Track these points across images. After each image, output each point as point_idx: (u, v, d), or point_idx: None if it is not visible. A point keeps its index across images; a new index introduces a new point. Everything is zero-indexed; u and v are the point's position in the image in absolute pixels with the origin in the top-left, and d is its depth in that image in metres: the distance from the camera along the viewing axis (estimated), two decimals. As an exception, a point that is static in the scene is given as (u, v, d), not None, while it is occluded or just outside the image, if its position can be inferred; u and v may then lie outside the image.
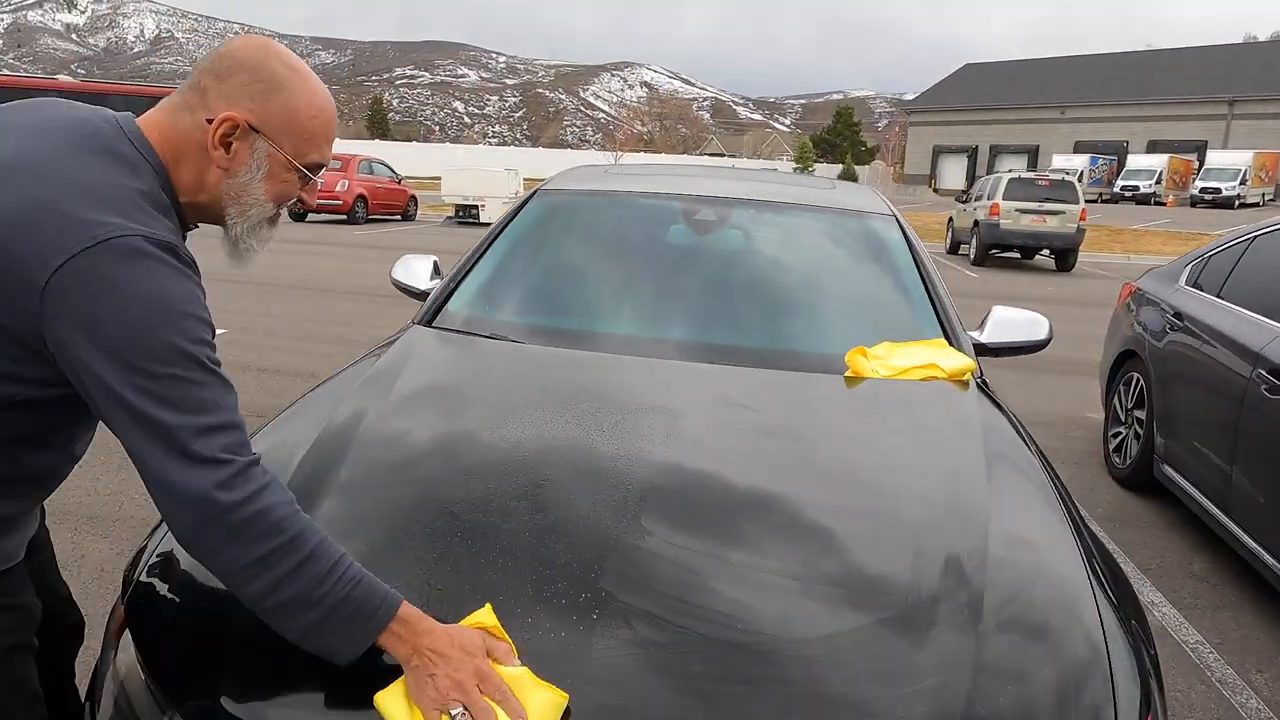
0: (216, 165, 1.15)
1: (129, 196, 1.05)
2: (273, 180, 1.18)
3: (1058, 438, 5.26)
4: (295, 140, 1.17)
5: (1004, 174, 16.09)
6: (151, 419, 0.98)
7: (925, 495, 1.56)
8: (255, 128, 1.13)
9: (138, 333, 0.99)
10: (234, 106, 1.12)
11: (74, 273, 0.97)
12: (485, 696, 1.03)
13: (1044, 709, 1.14)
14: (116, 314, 0.98)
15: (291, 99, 1.15)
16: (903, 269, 2.59)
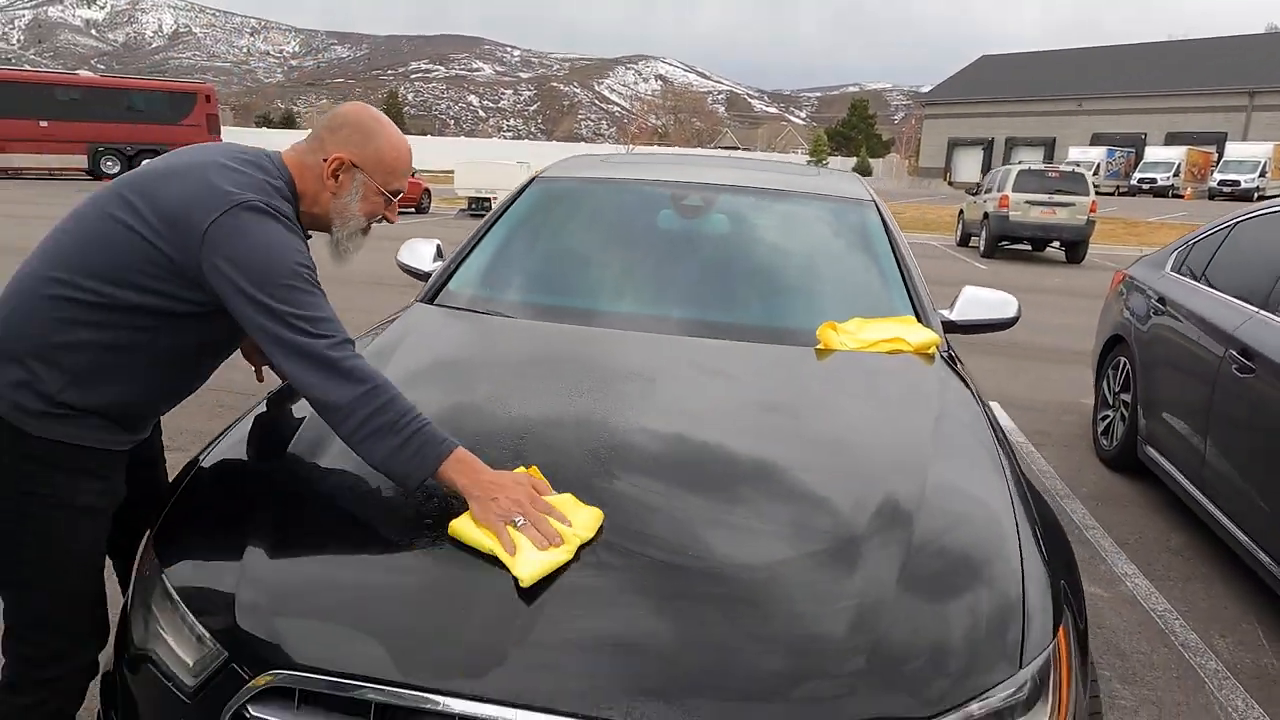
0: (328, 190, 1.63)
1: (262, 185, 1.53)
2: (366, 201, 1.66)
3: (1050, 422, 5.38)
4: (383, 173, 1.65)
5: (1014, 166, 16.09)
6: (280, 313, 1.42)
7: (873, 450, 1.72)
8: (356, 164, 1.62)
9: (265, 260, 1.44)
10: (342, 150, 1.61)
11: (225, 220, 1.43)
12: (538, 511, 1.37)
13: (956, 625, 1.29)
14: (248, 247, 1.44)
15: (381, 145, 1.63)
16: (879, 251, 2.73)
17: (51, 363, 1.44)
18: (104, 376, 1.48)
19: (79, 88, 28.17)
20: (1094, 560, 3.48)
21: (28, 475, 1.46)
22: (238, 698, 1.23)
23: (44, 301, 1.45)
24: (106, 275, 1.45)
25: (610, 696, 1.15)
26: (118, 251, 1.45)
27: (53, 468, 1.46)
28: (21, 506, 1.46)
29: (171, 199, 1.45)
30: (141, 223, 1.45)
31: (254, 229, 1.45)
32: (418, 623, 1.25)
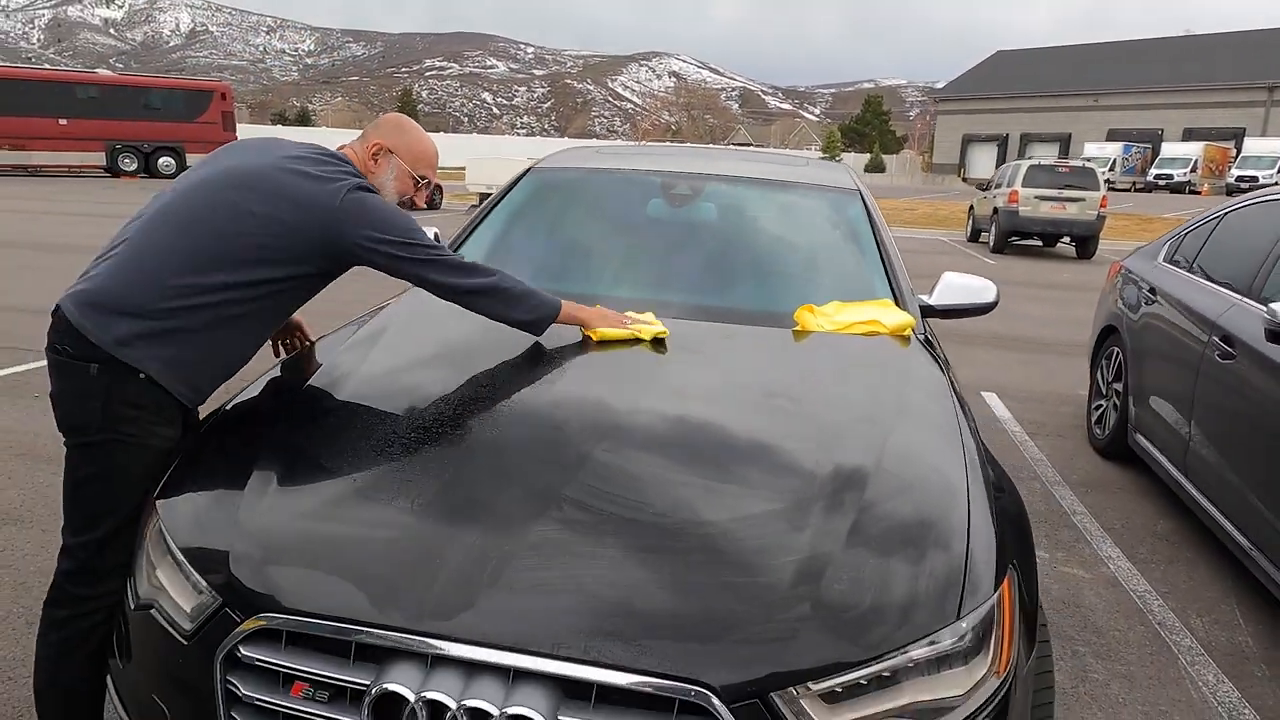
0: (369, 171, 1.97)
1: (350, 170, 1.91)
2: (399, 181, 2.02)
3: (1047, 413, 5.43)
4: (413, 158, 2.02)
5: (1024, 161, 16.05)
6: (425, 254, 1.89)
7: (836, 422, 1.81)
8: (391, 150, 1.99)
9: (394, 221, 1.86)
10: (382, 139, 2.00)
11: (350, 199, 1.81)
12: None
13: (899, 577, 1.38)
14: (378, 219, 1.83)
15: (413, 137, 2.04)
16: (861, 238, 2.81)
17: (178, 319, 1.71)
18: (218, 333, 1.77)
19: (97, 86, 28.53)
20: (1078, 544, 3.54)
21: (126, 418, 1.69)
22: (230, 639, 1.34)
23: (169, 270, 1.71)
24: (239, 256, 1.74)
25: (570, 637, 1.25)
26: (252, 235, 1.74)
27: (142, 409, 1.71)
28: (113, 442, 1.70)
29: (298, 185, 1.78)
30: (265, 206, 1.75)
31: (372, 202, 1.84)
32: (396, 571, 1.35)
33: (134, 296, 1.69)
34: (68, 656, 1.73)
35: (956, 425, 1.90)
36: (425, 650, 1.26)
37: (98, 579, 1.71)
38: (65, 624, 1.72)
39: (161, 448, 1.75)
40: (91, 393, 1.68)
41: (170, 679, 1.42)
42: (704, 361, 2.12)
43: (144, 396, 1.71)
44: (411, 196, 2.05)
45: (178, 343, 1.72)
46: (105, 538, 1.71)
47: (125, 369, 1.68)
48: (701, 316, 2.39)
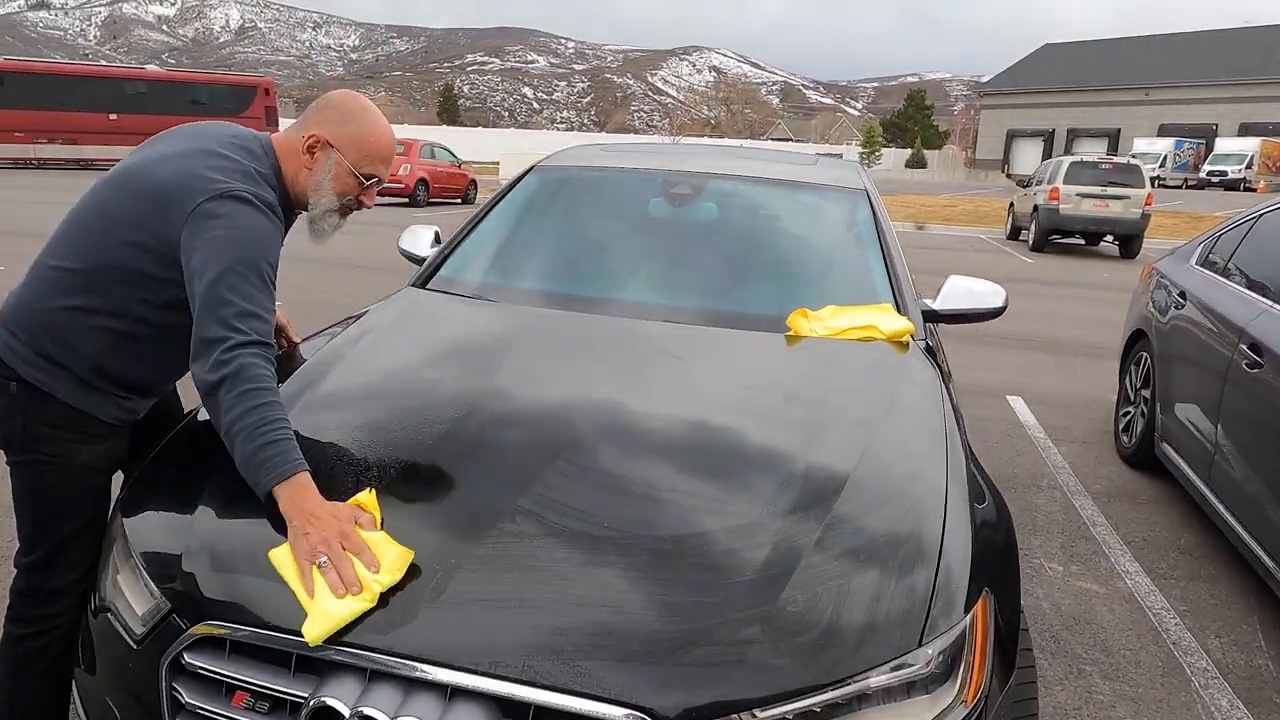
0: (304, 166, 1.70)
1: (247, 171, 1.62)
2: (338, 180, 1.72)
3: (1074, 418, 5.27)
4: (355, 154, 1.71)
5: (1065, 157, 15.65)
6: (219, 295, 1.48)
7: (812, 431, 1.75)
8: (330, 143, 1.69)
9: (230, 244, 1.51)
10: (319, 129, 1.70)
11: (209, 206, 1.52)
12: (347, 552, 1.32)
13: (859, 599, 1.32)
14: (222, 230, 1.52)
15: (357, 128, 1.71)
16: (864, 240, 2.73)
17: (71, 346, 1.59)
18: (123, 357, 1.63)
19: (145, 82, 29.29)
20: (1095, 557, 3.42)
21: (44, 437, 1.61)
22: (175, 645, 1.33)
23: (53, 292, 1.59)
24: (108, 268, 1.57)
25: (510, 655, 1.21)
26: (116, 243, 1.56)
27: (61, 429, 1.62)
28: (34, 463, 1.63)
29: (164, 182, 1.55)
30: (134, 210, 1.55)
31: (243, 217, 1.54)
32: None
33: (25, 319, 1.59)
34: (23, 674, 1.69)
35: (943, 437, 1.83)
36: (364, 664, 1.24)
37: (47, 599, 1.67)
38: (20, 642, 1.68)
39: (90, 465, 1.67)
40: (12, 411, 1.61)
41: (122, 683, 1.42)
42: (684, 369, 2.07)
43: (63, 417, 1.61)
44: (358, 197, 1.75)
45: (74, 370, 1.60)
46: (46, 559, 1.66)
47: (38, 389, 1.59)
48: (690, 320, 2.33)
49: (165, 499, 1.59)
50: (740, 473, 1.60)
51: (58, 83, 27.64)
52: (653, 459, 1.63)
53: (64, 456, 1.62)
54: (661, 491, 1.52)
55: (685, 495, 1.52)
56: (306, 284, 8.61)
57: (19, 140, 27.05)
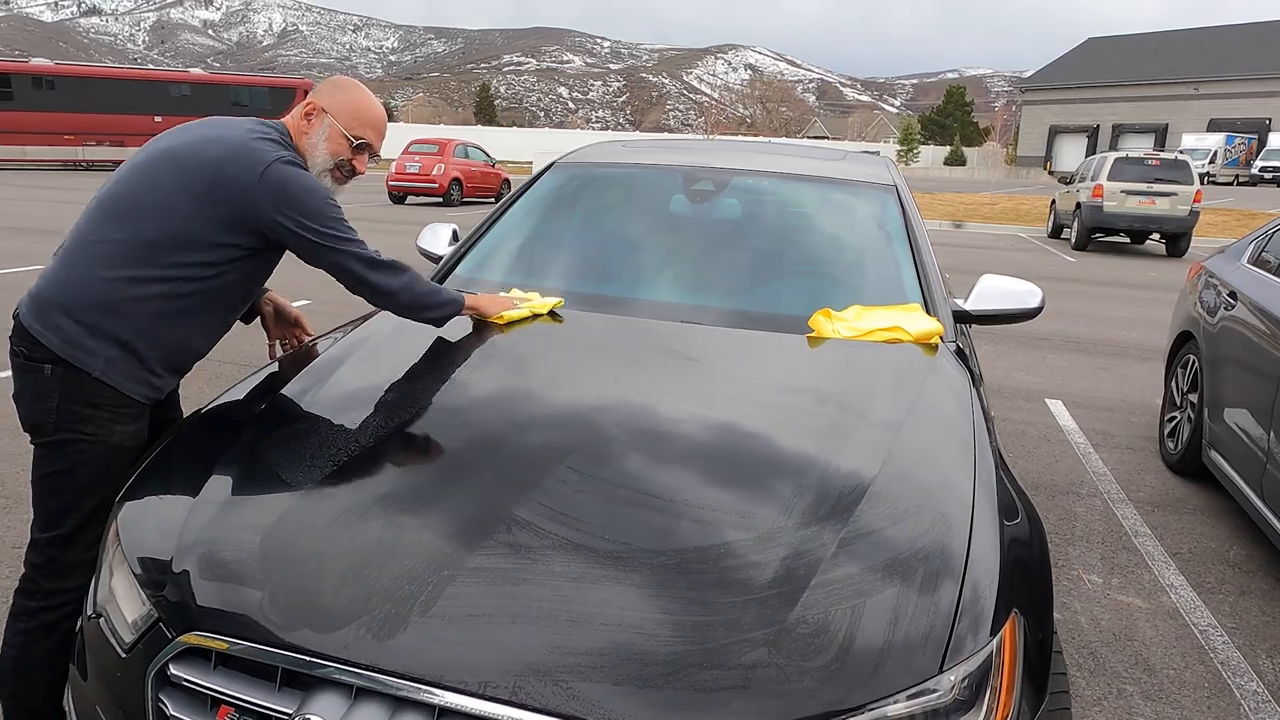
0: (302, 131, 1.89)
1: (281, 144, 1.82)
2: (330, 141, 1.89)
3: (1116, 423, 5.08)
4: (347, 118, 1.90)
5: (1110, 154, 15.21)
6: (338, 246, 1.80)
7: (830, 439, 1.66)
8: (325, 109, 1.89)
9: (312, 202, 1.76)
10: (315, 99, 1.91)
11: (271, 173, 1.72)
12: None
13: (875, 621, 1.23)
14: (295, 194, 1.74)
15: (349, 97, 1.92)
16: (893, 237, 2.63)
17: (120, 314, 1.69)
18: (166, 323, 1.73)
19: (189, 85, 29.92)
20: (1137, 569, 3.27)
21: (83, 417, 1.69)
22: (161, 655, 1.29)
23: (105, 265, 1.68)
24: (165, 237, 1.69)
25: (499, 675, 1.15)
26: (175, 214, 1.69)
27: (97, 408, 1.70)
28: (71, 440, 1.70)
29: (217, 162, 1.71)
30: (193, 184, 1.70)
31: (294, 179, 1.75)
32: (330, 596, 1.27)
33: (72, 295, 1.68)
34: (33, 645, 1.75)
35: (972, 444, 1.73)
36: (350, 680, 1.18)
37: (65, 573, 1.74)
38: (34, 615, 1.75)
39: (122, 444, 1.75)
40: (47, 394, 1.69)
41: (110, 693, 1.38)
42: (701, 372, 1.99)
43: (98, 395, 1.70)
44: (350, 159, 1.91)
45: (120, 340, 1.70)
46: (70, 534, 1.73)
47: (76, 369, 1.67)
48: (709, 320, 2.25)
49: (160, 504, 1.55)
50: (752, 482, 1.52)
51: (105, 86, 28.38)
52: (662, 467, 1.56)
53: (101, 435, 1.71)
54: (668, 501, 1.45)
55: (693, 505, 1.44)
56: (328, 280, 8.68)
57: (68, 143, 27.82)
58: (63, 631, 1.75)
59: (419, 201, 20.67)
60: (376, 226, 14.56)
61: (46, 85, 27.61)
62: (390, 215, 17.16)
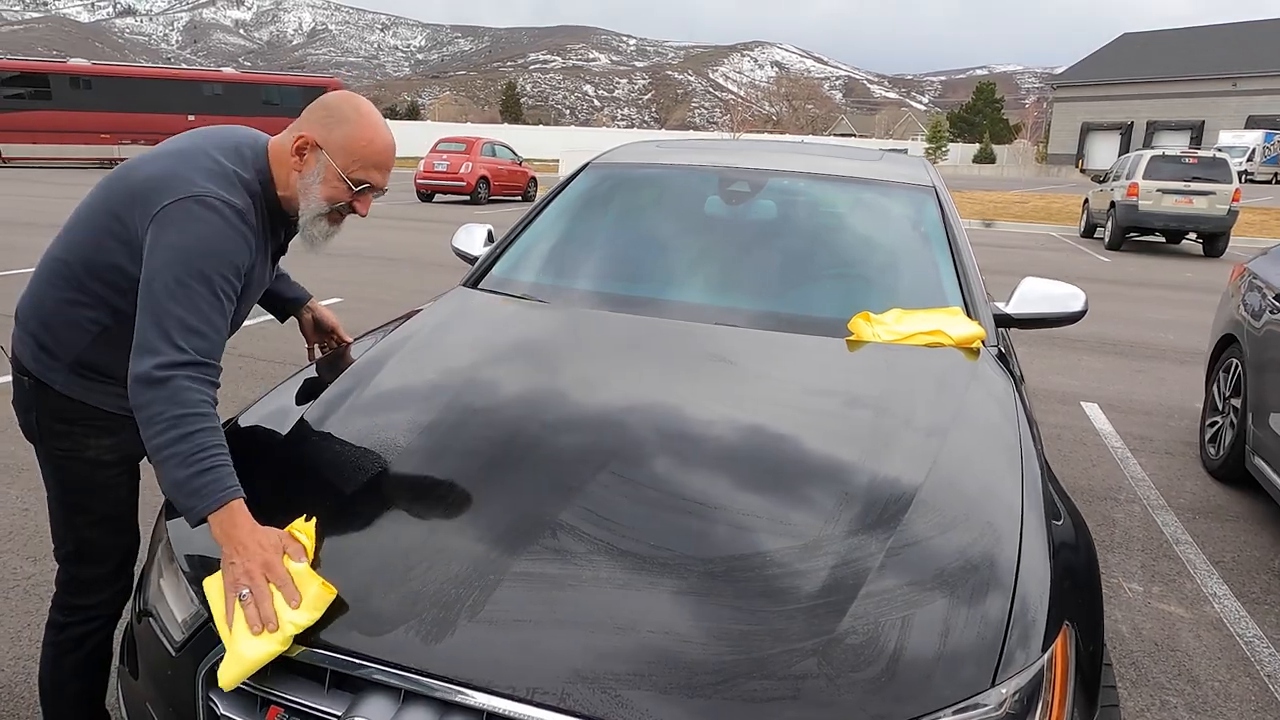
0: (293, 168, 1.62)
1: (227, 175, 1.55)
2: (326, 185, 1.61)
3: (1154, 427, 4.99)
4: (345, 158, 1.60)
5: (1146, 151, 14.94)
6: (162, 306, 1.42)
7: (876, 445, 1.64)
8: (319, 145, 1.59)
9: (184, 252, 1.45)
10: (309, 130, 1.60)
11: (173, 209, 1.47)
12: (271, 584, 1.28)
13: (926, 632, 1.21)
14: (178, 236, 1.46)
15: (349, 131, 1.60)
16: (932, 239, 2.59)
17: (56, 335, 1.61)
18: (102, 349, 1.61)
19: (221, 84, 30.34)
20: (1179, 577, 3.21)
21: (56, 432, 1.64)
22: (211, 654, 1.30)
23: (50, 283, 1.61)
24: (84, 259, 1.57)
25: (548, 681, 1.15)
26: (93, 237, 1.56)
27: (69, 423, 1.63)
28: (50, 456, 1.67)
29: (141, 182, 1.53)
30: (112, 207, 1.55)
31: (200, 222, 1.47)
32: (377, 599, 1.28)
33: (28, 310, 1.63)
34: (63, 658, 1.76)
35: (1018, 451, 1.70)
36: (398, 683, 1.18)
37: (84, 590, 1.73)
38: (62, 629, 1.75)
39: (99, 458, 1.67)
40: (30, 406, 1.65)
41: (160, 690, 1.40)
42: (740, 375, 1.97)
43: (67, 410, 1.63)
44: (351, 203, 1.64)
45: (64, 360, 1.61)
46: (75, 552, 1.71)
47: (44, 384, 1.62)
48: (747, 323, 2.24)
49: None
50: (797, 488, 1.50)
51: (141, 86, 28.88)
52: (705, 471, 1.55)
53: (74, 450, 1.65)
54: (713, 507, 1.44)
55: (739, 512, 1.43)
56: (366, 280, 8.76)
57: (104, 141, 28.34)
58: (91, 645, 1.76)
59: (446, 200, 20.81)
60: (405, 225, 14.69)
61: (84, 85, 28.16)
62: (419, 214, 17.29)
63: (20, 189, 19.53)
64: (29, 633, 2.52)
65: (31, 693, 2.24)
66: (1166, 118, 52.11)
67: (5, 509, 3.31)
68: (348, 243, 12.00)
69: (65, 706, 1.79)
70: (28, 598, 2.71)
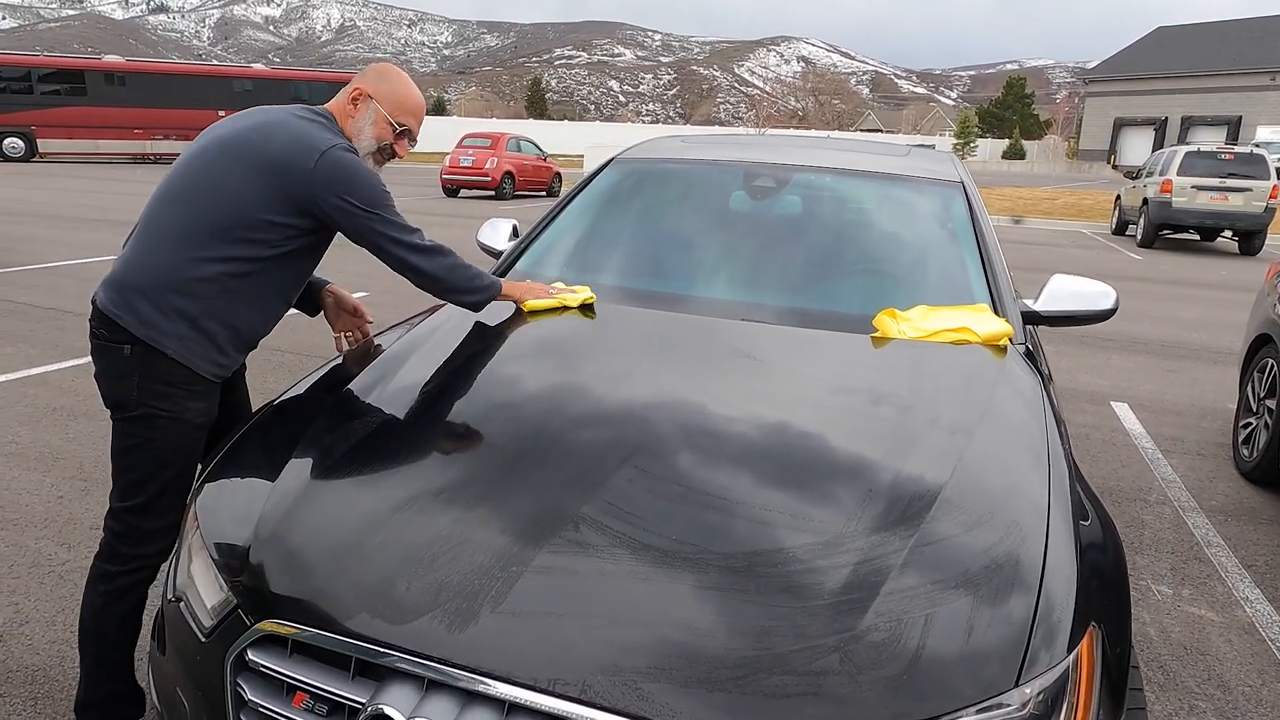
0: (349, 115, 1.98)
1: (328, 126, 1.93)
2: (376, 126, 1.98)
3: (1186, 428, 4.90)
4: (390, 104, 1.99)
5: (1180, 147, 14.66)
6: (388, 221, 1.90)
7: (901, 441, 1.63)
8: (370, 95, 1.97)
9: (365, 186, 1.85)
10: (362, 84, 1.99)
11: (327, 159, 1.80)
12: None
13: (950, 630, 1.20)
14: (352, 180, 1.83)
15: (394, 86, 2.01)
16: (959, 236, 2.57)
17: (187, 293, 1.79)
18: (228, 302, 1.84)
19: (250, 80, 30.71)
20: (1209, 580, 3.15)
21: (160, 394, 1.81)
22: (239, 642, 1.32)
23: (177, 246, 1.79)
24: (224, 219, 1.79)
25: (569, 671, 1.15)
26: (234, 197, 1.79)
27: (172, 385, 1.81)
28: (150, 415, 1.82)
29: (276, 148, 1.80)
30: (251, 169, 1.79)
31: (348, 165, 1.83)
32: (401, 588, 1.29)
33: (144, 278, 1.79)
34: (109, 607, 1.88)
35: (1045, 450, 1.68)
36: (421, 672, 1.20)
37: (143, 540, 1.86)
38: (112, 579, 1.87)
39: (194, 421, 1.86)
40: (127, 373, 1.80)
41: (189, 674, 1.43)
42: (765, 371, 1.97)
43: (173, 374, 1.81)
44: (391, 144, 2.01)
45: (188, 319, 1.80)
46: (146, 503, 1.84)
47: (153, 350, 1.78)
48: (772, 319, 2.23)
49: (237, 492, 1.60)
50: (820, 484, 1.50)
51: (173, 82, 29.30)
52: (728, 467, 1.55)
53: (176, 411, 1.83)
54: (736, 503, 1.44)
55: (761, 507, 1.43)
56: (392, 273, 8.83)
57: (138, 137, 28.81)
58: (136, 597, 1.90)
59: (471, 195, 20.92)
60: (431, 220, 14.77)
61: (118, 81, 28.61)
62: (444, 208, 17.40)
63: (59, 183, 19.91)
64: (63, 618, 2.57)
65: (66, 675, 2.29)
66: (1202, 113, 51.08)
67: (40, 496, 3.39)
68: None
69: (107, 650, 1.91)
70: (62, 583, 2.77)
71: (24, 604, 2.65)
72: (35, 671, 2.33)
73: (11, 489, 3.44)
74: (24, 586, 2.75)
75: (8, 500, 3.35)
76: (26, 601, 2.66)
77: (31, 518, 3.22)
